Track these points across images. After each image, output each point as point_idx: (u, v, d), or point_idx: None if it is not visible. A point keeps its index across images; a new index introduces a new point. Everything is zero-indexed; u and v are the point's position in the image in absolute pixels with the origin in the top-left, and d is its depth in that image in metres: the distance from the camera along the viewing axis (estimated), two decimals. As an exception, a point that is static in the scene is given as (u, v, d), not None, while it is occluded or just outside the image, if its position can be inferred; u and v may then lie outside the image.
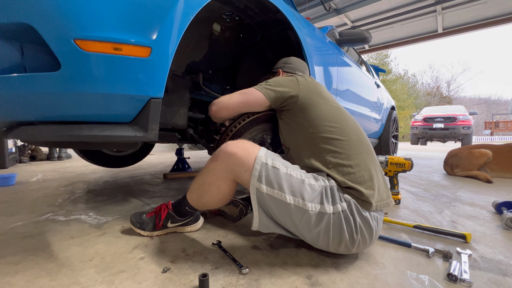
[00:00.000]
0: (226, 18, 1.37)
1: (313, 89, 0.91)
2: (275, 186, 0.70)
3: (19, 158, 3.46)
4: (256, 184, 0.71)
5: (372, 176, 0.77)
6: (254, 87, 0.93)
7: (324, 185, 0.74)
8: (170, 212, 0.93)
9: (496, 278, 0.70)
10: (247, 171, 0.72)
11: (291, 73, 1.11)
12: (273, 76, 1.12)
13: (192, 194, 0.86)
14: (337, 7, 5.31)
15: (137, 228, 0.94)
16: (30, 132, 0.78)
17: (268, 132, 1.19)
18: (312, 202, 0.70)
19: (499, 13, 5.10)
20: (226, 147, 0.76)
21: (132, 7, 0.70)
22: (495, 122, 13.92)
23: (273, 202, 0.71)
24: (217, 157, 0.77)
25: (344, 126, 0.85)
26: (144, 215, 0.97)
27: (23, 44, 0.69)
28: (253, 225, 0.75)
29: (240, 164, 0.73)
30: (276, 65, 1.20)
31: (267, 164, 0.72)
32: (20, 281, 0.66)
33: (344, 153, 0.79)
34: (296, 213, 0.70)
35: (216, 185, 0.79)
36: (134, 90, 0.74)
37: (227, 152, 0.75)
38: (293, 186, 0.71)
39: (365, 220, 0.72)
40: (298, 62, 1.17)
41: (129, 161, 2.26)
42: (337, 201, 0.71)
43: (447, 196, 1.66)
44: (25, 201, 1.45)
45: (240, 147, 0.75)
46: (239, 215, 1.11)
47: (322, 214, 0.70)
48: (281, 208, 0.71)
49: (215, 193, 0.80)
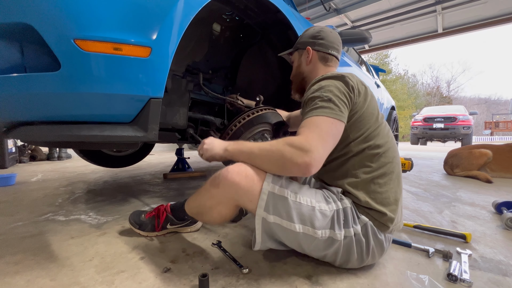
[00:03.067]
0: (226, 18, 1.37)
1: (362, 94, 0.74)
2: (283, 216, 0.65)
3: (19, 158, 3.46)
4: (262, 213, 0.66)
5: (397, 198, 0.73)
6: (320, 115, 0.66)
7: (336, 208, 0.68)
8: (169, 215, 0.93)
9: (496, 278, 0.70)
10: (252, 201, 0.67)
11: (323, 52, 0.90)
12: (298, 54, 0.96)
13: (192, 209, 0.83)
14: (337, 7, 5.30)
15: (137, 229, 0.94)
16: (30, 132, 0.78)
17: (269, 131, 1.19)
18: (323, 229, 0.66)
19: (499, 13, 5.10)
20: (228, 174, 0.68)
21: (132, 7, 0.70)
22: (495, 122, 13.91)
23: (280, 230, 0.67)
24: (217, 183, 0.70)
25: (386, 137, 0.75)
26: (143, 215, 0.96)
27: (23, 44, 0.69)
28: (255, 247, 0.70)
29: (244, 194, 0.67)
30: (301, 37, 0.96)
31: (274, 193, 0.67)
32: (20, 281, 0.66)
33: (378, 170, 0.71)
34: (305, 239, 0.66)
35: (217, 209, 0.74)
36: (134, 90, 0.74)
37: (229, 181, 0.67)
38: (303, 214, 0.66)
39: (379, 242, 0.69)
40: (331, 34, 0.92)
41: (129, 161, 2.26)
42: (350, 224, 0.67)
43: (447, 196, 1.66)
44: (25, 201, 1.45)
45: (243, 174, 0.67)
46: (239, 215, 1.11)
47: (333, 240, 0.66)
48: (288, 235, 0.67)
49: (216, 215, 0.76)
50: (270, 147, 0.67)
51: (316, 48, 0.91)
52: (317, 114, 0.66)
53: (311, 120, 0.67)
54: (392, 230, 0.72)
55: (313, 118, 0.67)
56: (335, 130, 0.66)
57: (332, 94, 0.68)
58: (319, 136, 0.64)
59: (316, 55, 0.91)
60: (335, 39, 0.92)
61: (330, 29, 0.93)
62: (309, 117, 0.67)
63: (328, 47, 0.91)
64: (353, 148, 0.72)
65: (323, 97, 0.68)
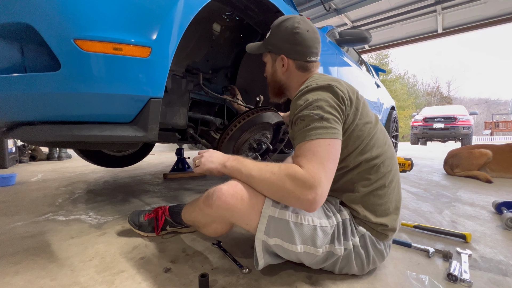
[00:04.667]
0: (226, 18, 1.37)
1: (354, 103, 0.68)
2: (284, 238, 0.63)
3: (19, 158, 3.46)
4: (263, 237, 0.64)
5: (398, 206, 0.71)
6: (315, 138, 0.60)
7: (337, 222, 0.66)
8: (167, 219, 0.94)
9: (496, 278, 0.70)
10: (249, 224, 0.65)
11: (301, 61, 0.79)
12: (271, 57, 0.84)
13: (188, 221, 0.85)
14: (337, 7, 5.30)
15: (138, 230, 0.95)
16: (30, 132, 0.78)
17: (268, 131, 1.19)
18: (324, 245, 0.64)
19: (499, 13, 5.10)
20: (222, 196, 0.63)
21: (132, 7, 0.70)
22: (495, 122, 13.91)
23: (281, 250, 0.65)
24: (211, 204, 0.65)
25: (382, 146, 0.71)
26: (142, 216, 0.96)
27: (23, 44, 0.69)
28: (258, 267, 0.66)
29: (240, 217, 0.65)
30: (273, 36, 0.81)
31: (274, 216, 0.63)
32: (20, 281, 0.66)
33: (377, 181, 0.68)
34: (306, 257, 0.65)
35: (211, 227, 0.76)
36: (134, 90, 0.74)
37: (223, 204, 0.63)
38: (305, 235, 0.63)
39: (379, 251, 0.68)
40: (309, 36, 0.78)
41: (129, 161, 2.26)
42: (349, 237, 0.66)
43: (447, 196, 1.66)
44: (25, 201, 1.45)
45: (239, 197, 0.63)
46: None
47: (333, 254, 0.66)
48: (290, 254, 0.66)
49: (211, 231, 0.78)
50: (271, 175, 0.60)
51: (292, 57, 0.79)
52: (311, 138, 0.60)
53: (306, 146, 0.60)
54: (392, 237, 0.71)
55: (308, 144, 0.60)
56: (334, 152, 0.61)
57: (323, 110, 0.62)
58: (320, 165, 0.58)
59: (293, 64, 0.80)
60: (314, 40, 0.79)
61: (306, 27, 0.78)
62: (303, 142, 0.61)
63: (306, 54, 0.78)
64: (350, 162, 0.68)
65: (313, 116, 0.61)
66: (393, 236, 0.71)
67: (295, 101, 0.68)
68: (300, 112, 0.64)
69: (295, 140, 0.66)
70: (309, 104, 0.63)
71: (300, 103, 0.65)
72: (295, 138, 0.65)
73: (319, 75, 0.78)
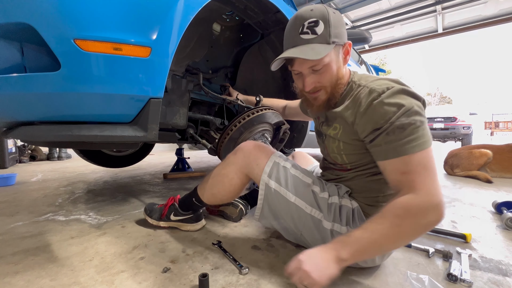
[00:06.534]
0: (226, 18, 1.37)
1: None
2: (282, 183, 0.73)
3: (19, 158, 3.46)
4: (266, 179, 0.74)
5: None
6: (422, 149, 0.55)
7: (330, 201, 0.70)
8: (174, 203, 0.99)
9: (496, 278, 0.70)
10: (259, 165, 0.76)
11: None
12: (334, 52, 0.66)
13: (205, 184, 0.89)
14: (337, 7, 5.30)
15: (147, 215, 1.03)
16: (30, 132, 0.78)
17: (268, 131, 1.19)
18: (313, 207, 0.71)
19: (499, 13, 5.10)
20: (246, 144, 0.82)
21: (132, 7, 0.70)
22: (495, 122, 13.91)
23: (278, 199, 0.73)
24: (235, 151, 0.82)
25: None
26: (156, 205, 1.06)
27: (23, 44, 0.69)
28: (255, 214, 0.79)
29: (255, 159, 0.77)
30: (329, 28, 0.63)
31: (279, 163, 0.76)
32: (20, 281, 0.66)
33: None
34: (297, 213, 0.71)
35: (229, 176, 0.82)
36: (134, 90, 0.74)
37: (245, 148, 0.80)
38: (298, 186, 0.73)
39: None
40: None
41: (129, 161, 2.26)
42: (343, 222, 0.68)
43: (447, 196, 1.66)
44: (25, 201, 1.45)
45: (257, 146, 0.80)
46: (239, 215, 1.11)
47: (320, 224, 0.69)
48: (284, 206, 0.73)
49: (226, 184, 0.83)
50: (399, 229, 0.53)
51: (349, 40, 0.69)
52: (419, 149, 0.55)
53: (415, 159, 0.55)
54: None
55: (416, 157, 0.55)
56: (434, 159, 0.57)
57: (421, 116, 0.57)
58: (433, 178, 0.54)
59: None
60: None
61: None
62: (409, 154, 0.55)
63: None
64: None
65: (415, 124, 0.55)
66: None
67: (382, 105, 0.58)
68: (398, 119, 0.56)
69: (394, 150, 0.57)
70: (407, 110, 0.56)
71: (393, 110, 0.57)
72: (395, 148, 0.57)
73: (368, 75, 0.71)
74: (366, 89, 0.63)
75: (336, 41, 0.64)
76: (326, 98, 0.70)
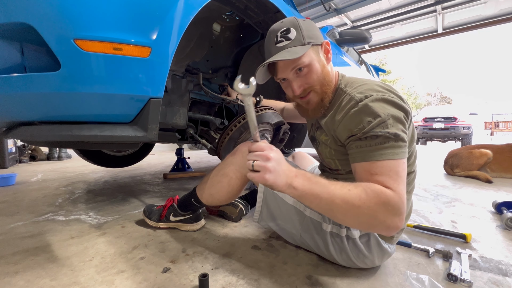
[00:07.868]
0: (226, 18, 1.37)
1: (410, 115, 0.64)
2: None
3: (19, 158, 3.46)
4: None
5: (411, 210, 0.74)
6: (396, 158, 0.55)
7: None
8: (173, 204, 0.99)
9: (496, 278, 0.70)
10: None
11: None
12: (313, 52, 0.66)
13: (203, 184, 0.89)
14: (337, 7, 5.30)
15: (146, 217, 1.03)
16: (30, 132, 0.78)
17: (268, 131, 1.19)
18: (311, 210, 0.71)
19: (499, 13, 5.10)
20: (244, 144, 0.84)
21: (132, 7, 0.70)
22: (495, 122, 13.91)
23: (277, 201, 0.73)
24: (234, 152, 0.83)
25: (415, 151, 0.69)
26: (155, 207, 1.06)
27: (23, 44, 0.69)
28: (254, 216, 0.81)
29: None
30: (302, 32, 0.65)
31: None
32: (20, 281, 0.66)
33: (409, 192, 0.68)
34: (296, 215, 0.72)
35: (228, 176, 0.82)
36: (134, 90, 0.74)
37: (244, 149, 0.81)
38: None
39: (382, 250, 0.69)
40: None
41: (129, 161, 2.26)
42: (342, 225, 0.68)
43: (447, 196, 1.66)
44: (25, 201, 1.45)
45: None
46: (239, 216, 1.11)
47: (319, 226, 0.70)
48: (283, 208, 0.73)
49: (225, 184, 0.83)
50: (359, 201, 0.52)
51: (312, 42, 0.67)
52: (389, 158, 0.55)
53: (387, 165, 0.55)
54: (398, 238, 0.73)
55: (388, 163, 0.55)
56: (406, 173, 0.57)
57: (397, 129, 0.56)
58: (404, 187, 0.54)
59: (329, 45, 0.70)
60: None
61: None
62: (382, 160, 0.55)
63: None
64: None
65: (389, 136, 0.55)
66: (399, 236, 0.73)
67: (358, 114, 0.59)
68: (372, 130, 0.56)
69: (362, 154, 0.58)
70: (382, 122, 0.56)
71: (368, 120, 0.57)
72: (364, 152, 0.58)
73: (355, 79, 0.70)
74: (348, 96, 0.64)
75: (312, 41, 0.66)
76: (318, 99, 0.69)
